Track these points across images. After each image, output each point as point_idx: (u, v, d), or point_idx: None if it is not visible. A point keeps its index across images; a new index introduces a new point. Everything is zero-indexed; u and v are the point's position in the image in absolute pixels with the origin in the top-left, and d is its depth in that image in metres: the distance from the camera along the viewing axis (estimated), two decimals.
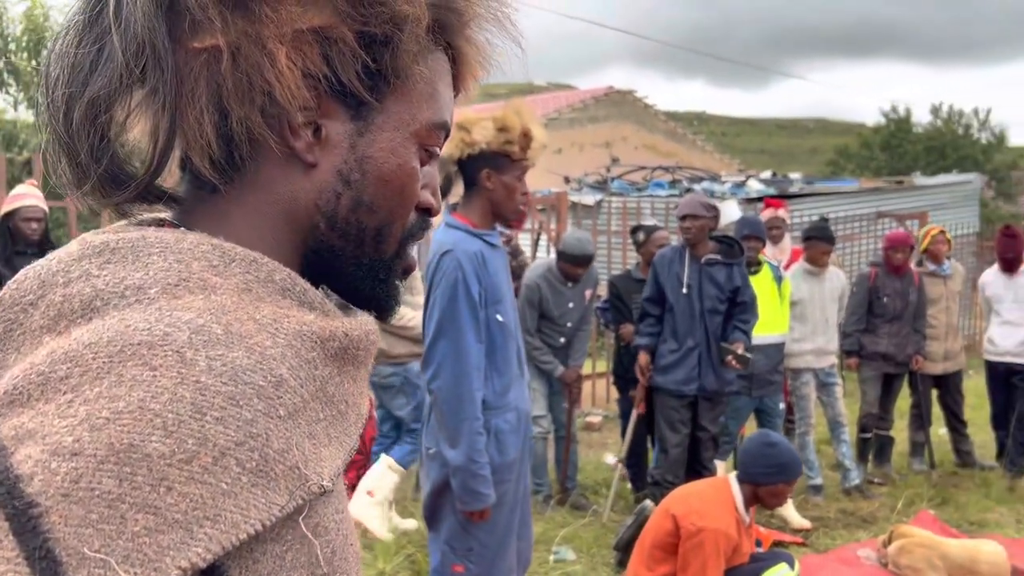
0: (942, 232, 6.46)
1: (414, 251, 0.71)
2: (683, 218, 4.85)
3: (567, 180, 13.44)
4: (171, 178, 0.68)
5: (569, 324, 5.29)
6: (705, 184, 12.22)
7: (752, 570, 3.37)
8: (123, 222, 0.65)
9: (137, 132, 0.63)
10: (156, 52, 0.59)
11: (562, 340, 5.31)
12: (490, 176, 2.72)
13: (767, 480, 3.38)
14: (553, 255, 5.58)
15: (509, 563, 2.81)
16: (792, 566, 3.41)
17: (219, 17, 0.59)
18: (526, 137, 2.68)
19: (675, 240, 5.35)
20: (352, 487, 5.22)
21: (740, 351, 4.72)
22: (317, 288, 0.65)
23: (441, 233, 2.77)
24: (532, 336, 5.23)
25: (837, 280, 6.01)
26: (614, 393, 6.56)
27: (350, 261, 0.67)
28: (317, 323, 0.59)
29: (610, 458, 6.34)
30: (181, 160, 0.65)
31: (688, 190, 12.05)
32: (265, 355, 0.54)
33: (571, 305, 5.28)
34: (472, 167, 2.73)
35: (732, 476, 3.48)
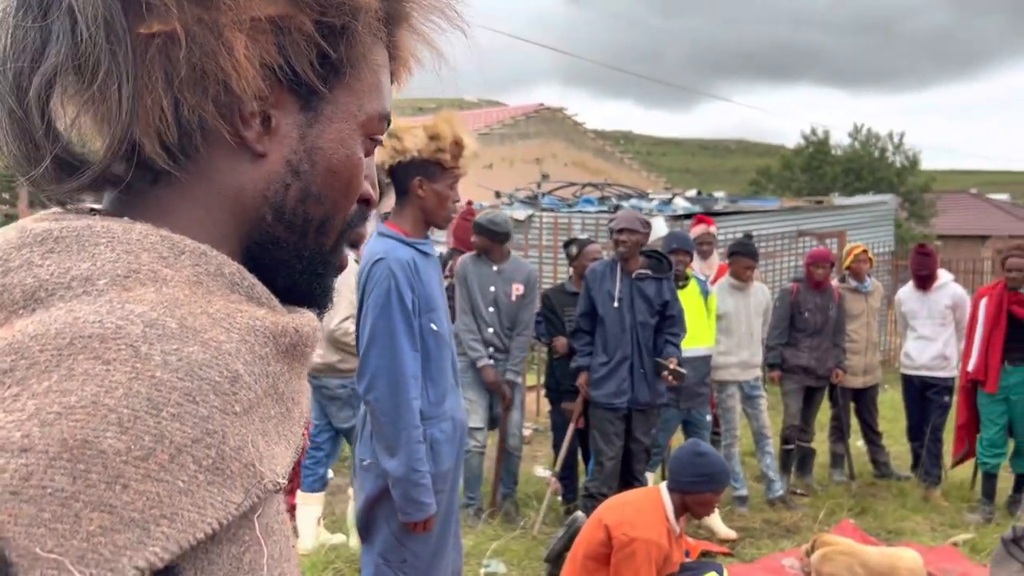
0: (864, 251, 6.68)
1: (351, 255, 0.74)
2: (620, 231, 4.91)
3: (498, 195, 13.49)
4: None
5: (491, 309, 5.26)
6: (633, 201, 12.42)
7: None
8: (58, 210, 0.62)
9: (87, 118, 0.61)
10: (113, 32, 0.57)
11: (490, 331, 5.26)
12: (422, 184, 2.72)
13: (696, 489, 3.43)
14: None
15: (443, 574, 2.79)
16: (720, 574, 3.46)
17: (174, 2, 0.57)
18: (457, 145, 2.69)
19: (607, 254, 5.42)
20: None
21: (674, 366, 4.81)
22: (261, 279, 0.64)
23: (373, 242, 2.75)
24: (467, 317, 5.24)
25: (762, 295, 6.16)
26: (545, 405, 6.58)
27: (292, 253, 0.66)
28: (268, 318, 0.58)
29: (541, 471, 6.35)
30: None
31: (617, 207, 12.23)
32: (221, 350, 0.53)
33: (492, 288, 5.27)
34: (403, 175, 2.73)
35: (663, 486, 3.52)
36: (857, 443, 7.02)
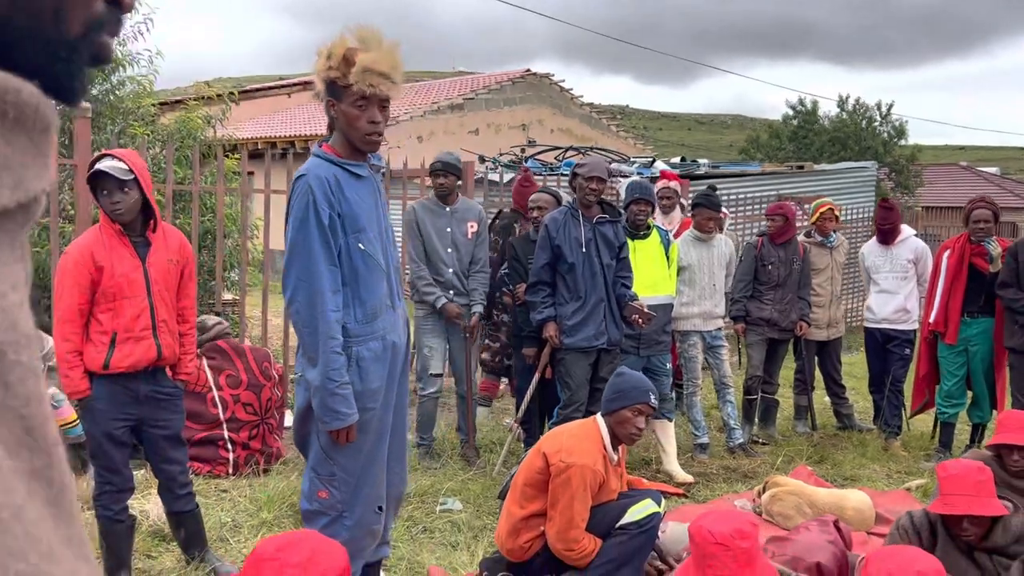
0: (831, 209, 6.73)
1: (114, 43, 0.71)
2: (590, 179, 4.96)
3: (482, 159, 13.48)
4: None
5: (449, 250, 5.41)
6: (614, 165, 12.42)
7: (619, 507, 3.48)
8: None
9: None
10: None
11: (450, 272, 5.42)
12: (333, 105, 2.74)
13: (612, 408, 3.51)
14: None
15: (375, 492, 2.85)
16: (658, 502, 3.54)
17: None
18: (347, 62, 2.63)
19: (567, 200, 5.47)
20: (251, 450, 5.20)
21: (642, 307, 4.94)
22: None
23: (306, 162, 2.80)
24: (418, 265, 5.39)
25: (725, 247, 6.22)
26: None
27: (26, 35, 0.59)
28: None
29: (508, 421, 6.43)
30: None
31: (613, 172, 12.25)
32: None
33: (448, 230, 5.42)
34: (326, 99, 2.76)
35: (599, 415, 3.59)
36: (824, 398, 7.11)
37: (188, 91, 10.17)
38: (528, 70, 19.13)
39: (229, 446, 5.16)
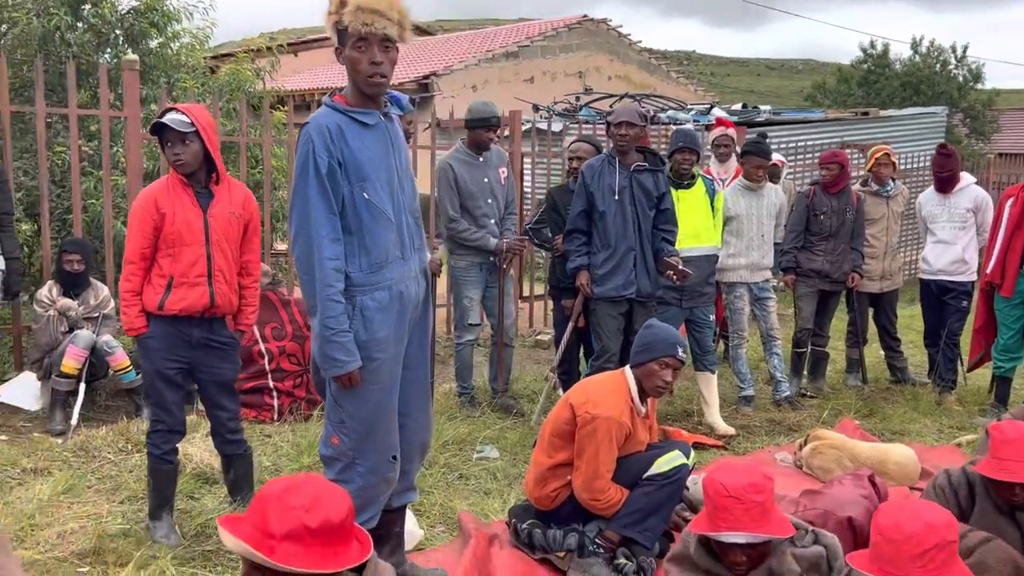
0: (887, 155, 6.49)
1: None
2: (619, 125, 4.90)
3: (536, 108, 13.34)
4: None
5: (490, 200, 5.42)
6: (670, 112, 12.18)
7: (646, 458, 3.46)
8: None
9: None
10: None
11: (491, 222, 5.46)
12: (340, 53, 2.72)
13: (640, 360, 3.47)
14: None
15: (387, 441, 2.86)
16: (687, 454, 3.51)
17: None
18: (342, 4, 2.61)
19: (606, 149, 5.38)
20: (295, 398, 5.33)
21: (680, 264, 4.85)
22: None
23: None
24: (456, 219, 5.39)
25: (775, 196, 6.06)
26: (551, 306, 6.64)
27: None
28: None
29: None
30: None
31: (653, 117, 12.01)
32: None
33: (486, 180, 5.42)
34: (335, 48, 2.75)
35: (628, 368, 3.56)
36: (878, 351, 6.95)
37: (248, 43, 10.25)
38: (585, 16, 18.75)
39: (274, 394, 5.30)
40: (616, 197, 4.90)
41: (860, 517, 3.40)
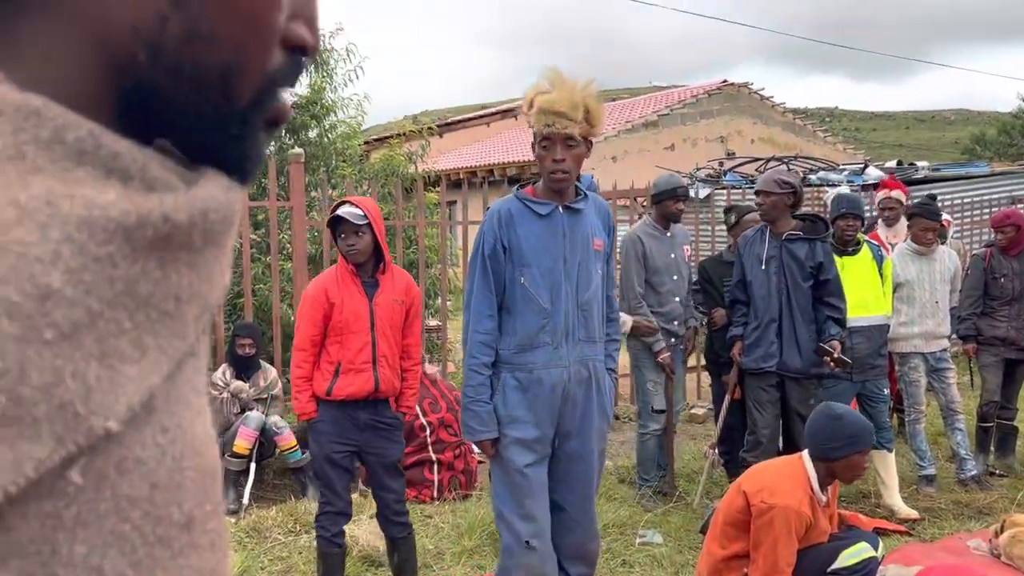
0: None
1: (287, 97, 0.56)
2: (757, 194, 4.81)
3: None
4: None
5: (675, 277, 5.19)
6: (821, 174, 11.80)
7: (830, 549, 3.23)
8: None
9: None
10: None
11: (676, 300, 5.21)
12: (534, 149, 2.90)
13: (839, 454, 3.26)
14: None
15: (520, 525, 2.91)
16: (874, 546, 3.26)
17: None
18: (530, 106, 2.79)
19: None
20: (455, 471, 5.36)
21: (837, 353, 4.57)
22: (147, 143, 0.48)
23: None
24: (638, 295, 5.12)
25: (949, 260, 5.69)
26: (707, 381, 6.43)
27: (188, 108, 0.50)
28: (120, 204, 0.43)
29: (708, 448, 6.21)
30: None
31: (803, 179, 11.66)
32: (25, 257, 0.39)
33: (673, 256, 5.22)
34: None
35: (805, 453, 3.35)
36: None
37: (395, 126, 10.72)
38: (725, 81, 18.61)
39: (435, 468, 5.34)
40: (763, 267, 4.74)
41: None
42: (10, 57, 0.45)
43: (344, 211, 3.59)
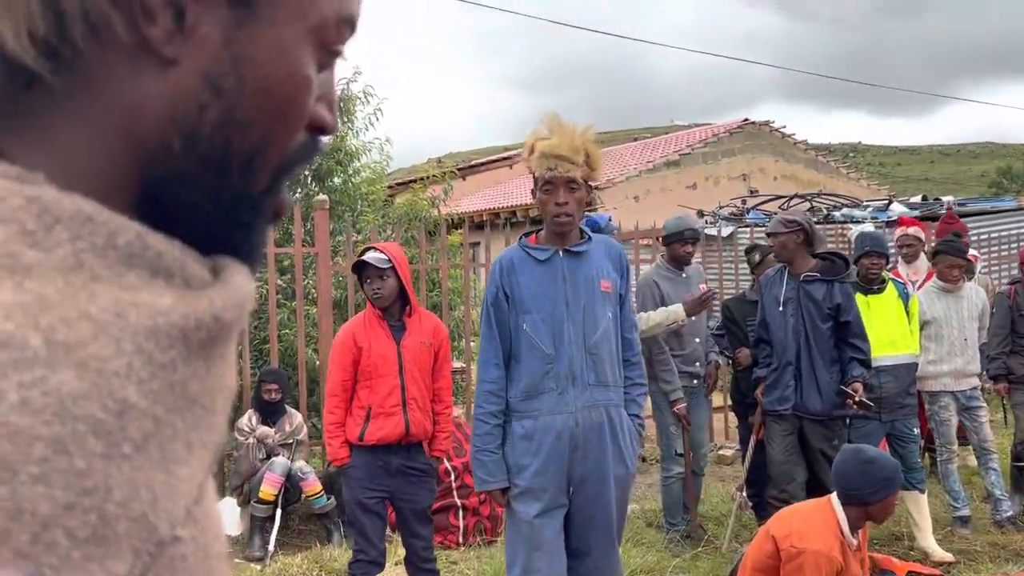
0: None
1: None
2: (769, 235, 4.86)
3: (701, 214, 13.24)
4: None
5: (694, 317, 5.12)
6: (844, 211, 11.76)
7: None
8: None
9: None
10: None
11: (696, 341, 5.17)
12: (535, 194, 2.95)
13: (874, 498, 3.21)
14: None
15: (536, 571, 2.90)
16: None
17: None
18: (531, 152, 2.86)
19: None
20: (480, 516, 5.33)
21: (860, 396, 4.51)
22: (161, 226, 0.49)
23: None
24: (658, 339, 5.02)
25: (976, 297, 5.64)
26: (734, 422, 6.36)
27: (206, 194, 0.51)
28: (178, 309, 0.44)
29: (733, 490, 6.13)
30: None
31: (827, 217, 11.62)
32: (104, 372, 0.39)
33: (690, 296, 5.13)
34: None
35: (834, 496, 3.31)
36: None
37: (419, 169, 10.84)
38: (746, 119, 18.67)
39: (460, 514, 5.31)
40: (780, 308, 4.72)
41: None
42: (39, 146, 0.45)
43: (369, 256, 3.65)
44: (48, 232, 0.41)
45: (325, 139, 0.56)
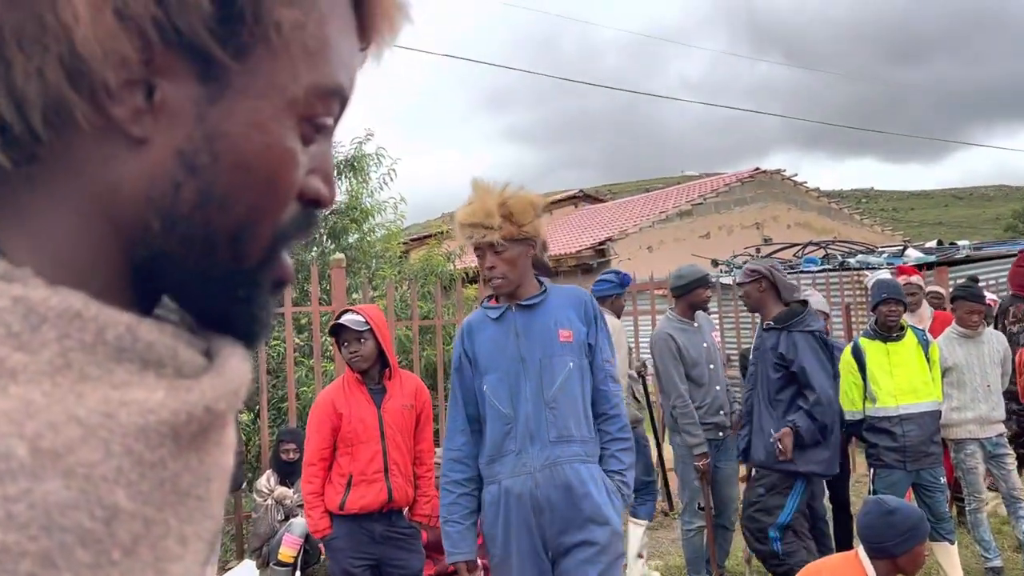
0: None
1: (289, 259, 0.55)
2: (736, 286, 4.92)
3: (715, 263, 13.26)
4: None
5: (712, 366, 5.08)
6: (860, 257, 11.74)
7: None
8: None
9: None
10: None
11: (717, 388, 5.11)
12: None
13: (901, 550, 3.15)
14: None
15: None
16: None
17: None
18: (455, 221, 2.86)
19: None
20: None
21: (775, 439, 4.53)
22: (152, 307, 0.49)
23: None
24: (682, 393, 4.95)
25: (997, 342, 5.58)
26: None
27: (195, 274, 0.49)
28: (168, 405, 0.42)
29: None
30: None
31: (842, 264, 11.60)
32: (92, 478, 0.38)
33: (705, 345, 5.13)
34: None
35: (861, 550, 3.25)
36: None
37: (432, 225, 10.94)
38: (757, 168, 18.79)
39: None
40: (752, 359, 4.80)
41: None
42: (20, 234, 0.44)
43: (345, 319, 3.60)
44: (34, 332, 0.40)
45: (321, 211, 0.55)
